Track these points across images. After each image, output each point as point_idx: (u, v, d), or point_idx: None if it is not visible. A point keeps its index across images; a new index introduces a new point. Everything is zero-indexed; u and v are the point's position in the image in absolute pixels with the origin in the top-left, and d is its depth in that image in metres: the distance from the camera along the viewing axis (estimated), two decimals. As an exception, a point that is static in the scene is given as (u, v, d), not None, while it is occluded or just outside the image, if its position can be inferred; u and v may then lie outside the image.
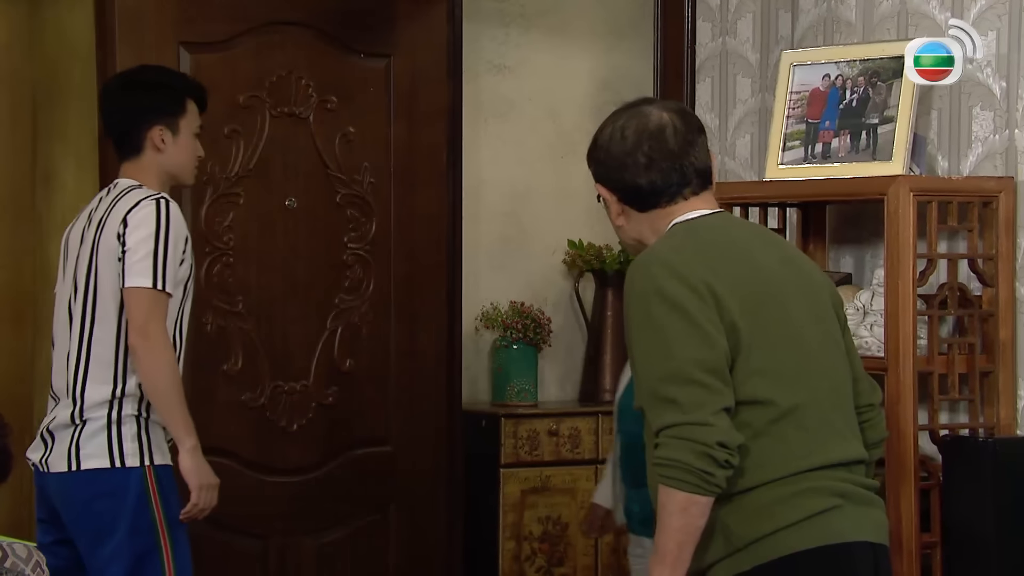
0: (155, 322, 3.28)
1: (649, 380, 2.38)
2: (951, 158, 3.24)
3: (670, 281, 2.38)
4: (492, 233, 5.14)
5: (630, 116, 2.51)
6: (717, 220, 2.51)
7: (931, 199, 3.07)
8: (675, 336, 2.36)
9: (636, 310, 2.40)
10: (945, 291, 3.13)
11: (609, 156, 2.50)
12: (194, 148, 3.48)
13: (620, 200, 2.51)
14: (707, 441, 2.31)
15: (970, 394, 3.09)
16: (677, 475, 2.33)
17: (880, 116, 3.19)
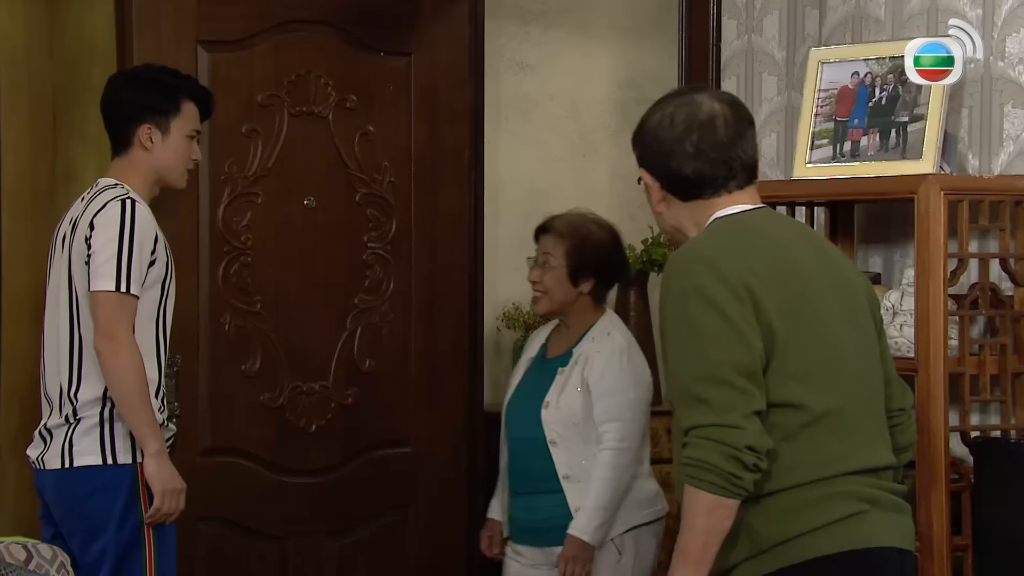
0: (121, 325, 3.27)
1: (682, 378, 2.38)
2: (982, 156, 3.21)
3: (709, 280, 2.37)
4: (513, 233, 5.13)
5: (680, 103, 2.50)
6: (759, 217, 2.50)
7: (962, 198, 3.05)
8: (711, 336, 2.35)
9: (673, 307, 2.39)
10: (976, 291, 3.11)
11: (656, 141, 2.50)
12: (185, 151, 3.43)
13: (663, 187, 2.51)
14: (736, 444, 2.31)
15: (1001, 395, 3.07)
16: (704, 476, 2.33)
17: (910, 114, 3.17)
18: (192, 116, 3.46)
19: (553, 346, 3.67)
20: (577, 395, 3.53)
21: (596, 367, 3.55)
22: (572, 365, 3.57)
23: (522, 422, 3.59)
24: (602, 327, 3.63)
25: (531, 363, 3.68)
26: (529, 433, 3.56)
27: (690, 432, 2.35)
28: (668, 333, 2.41)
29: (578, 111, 5.21)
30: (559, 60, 5.12)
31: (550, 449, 3.53)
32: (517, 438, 3.60)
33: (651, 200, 2.54)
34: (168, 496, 3.26)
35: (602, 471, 3.49)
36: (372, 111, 4.08)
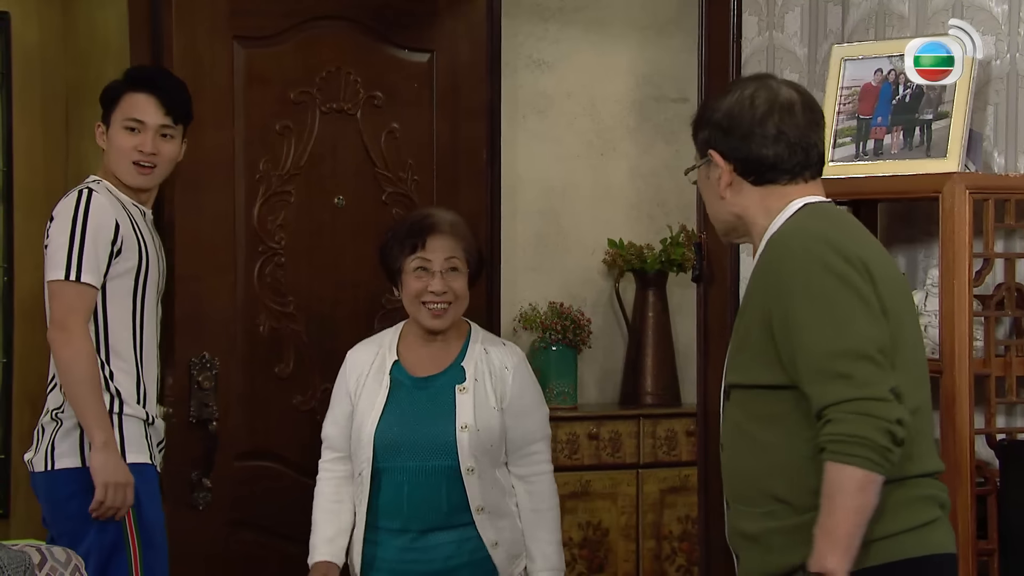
0: (72, 315, 3.25)
1: (817, 356, 2.34)
2: (1008, 154, 3.19)
3: (833, 257, 2.37)
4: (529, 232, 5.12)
5: (757, 86, 2.52)
6: (841, 209, 2.52)
7: (987, 197, 3.03)
8: (846, 311, 2.34)
9: (800, 283, 2.37)
10: (1002, 291, 3.09)
11: (734, 123, 2.50)
12: (122, 143, 3.36)
13: (735, 170, 2.51)
14: (888, 417, 2.30)
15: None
16: (858, 452, 2.29)
17: (934, 112, 3.15)
18: (130, 106, 3.38)
19: (419, 361, 3.36)
20: (495, 415, 3.30)
21: (513, 382, 3.34)
22: (474, 381, 3.32)
23: (421, 450, 3.27)
24: (479, 335, 3.42)
25: (391, 383, 3.34)
26: (434, 462, 3.27)
27: (832, 408, 2.32)
28: (796, 310, 2.36)
29: (595, 109, 5.20)
30: (576, 57, 5.11)
31: (464, 479, 3.26)
32: (414, 469, 3.27)
33: (712, 186, 2.53)
34: (111, 489, 3.22)
35: (550, 499, 3.34)
36: (397, 108, 4.07)
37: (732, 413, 2.50)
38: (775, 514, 2.42)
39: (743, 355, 2.47)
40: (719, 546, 3.77)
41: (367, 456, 3.29)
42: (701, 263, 3.79)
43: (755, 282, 2.47)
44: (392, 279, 3.42)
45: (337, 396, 3.43)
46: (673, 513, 4.95)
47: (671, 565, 4.97)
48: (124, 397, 3.32)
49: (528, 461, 3.35)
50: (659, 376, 5.07)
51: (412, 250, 3.34)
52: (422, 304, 3.32)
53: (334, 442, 3.43)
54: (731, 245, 3.71)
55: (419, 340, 3.38)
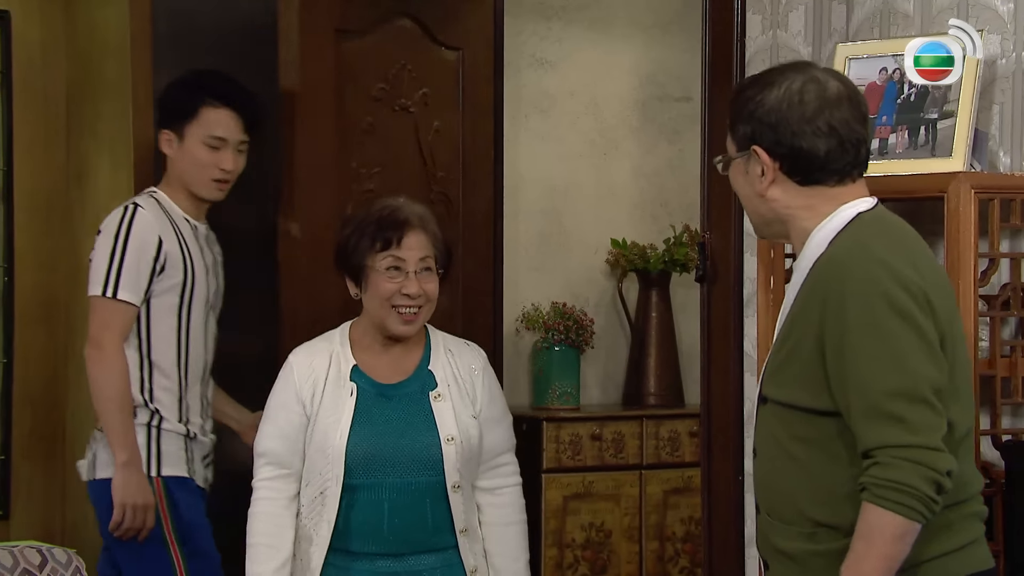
0: (107, 331, 3.28)
1: (872, 394, 2.27)
2: (1014, 154, 3.19)
3: (895, 288, 2.29)
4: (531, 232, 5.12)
5: (805, 79, 2.41)
6: (895, 216, 2.43)
7: (993, 196, 3.02)
8: (906, 349, 2.27)
9: (859, 314, 2.29)
10: (1008, 291, 3.08)
11: (782, 119, 2.39)
12: (202, 160, 3.39)
13: (781, 168, 2.41)
14: (940, 468, 2.25)
15: (1033, 398, 3.04)
16: (904, 500, 2.25)
17: (939, 111, 3.15)
18: (212, 122, 3.41)
19: (379, 367, 3.09)
20: (474, 424, 3.07)
21: (482, 387, 3.12)
22: (447, 387, 3.08)
23: (403, 464, 3.00)
24: (438, 334, 3.17)
25: (353, 392, 3.05)
26: (418, 478, 3.01)
27: (881, 451, 2.26)
28: (852, 344, 2.28)
29: (598, 108, 5.20)
30: (579, 56, 5.11)
31: (450, 496, 3.02)
32: (396, 486, 2.99)
33: (751, 182, 2.44)
34: (128, 510, 3.23)
35: (520, 512, 3.14)
36: (438, 106, 4.08)
37: (769, 423, 2.44)
38: (817, 537, 2.39)
39: (788, 371, 2.39)
40: (722, 547, 3.77)
41: (336, 473, 2.98)
42: (705, 263, 3.79)
43: (810, 298, 2.37)
44: (354, 276, 3.11)
45: (281, 405, 3.07)
46: (676, 514, 4.95)
47: (674, 567, 4.97)
48: (164, 413, 3.34)
49: (496, 474, 3.15)
50: (662, 377, 5.06)
51: (384, 246, 3.05)
52: (392, 308, 3.05)
53: (278, 457, 3.06)
54: (735, 245, 3.71)
55: (376, 343, 3.10)
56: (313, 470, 3.02)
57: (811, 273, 2.40)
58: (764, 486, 2.48)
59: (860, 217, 2.43)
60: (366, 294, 3.09)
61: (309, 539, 3.02)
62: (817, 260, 2.41)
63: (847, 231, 2.41)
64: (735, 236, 3.72)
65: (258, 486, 3.07)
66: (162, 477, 3.31)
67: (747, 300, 3.70)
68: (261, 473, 3.07)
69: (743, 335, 3.71)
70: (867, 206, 2.45)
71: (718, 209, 3.76)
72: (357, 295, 3.12)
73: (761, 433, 2.49)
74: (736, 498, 3.71)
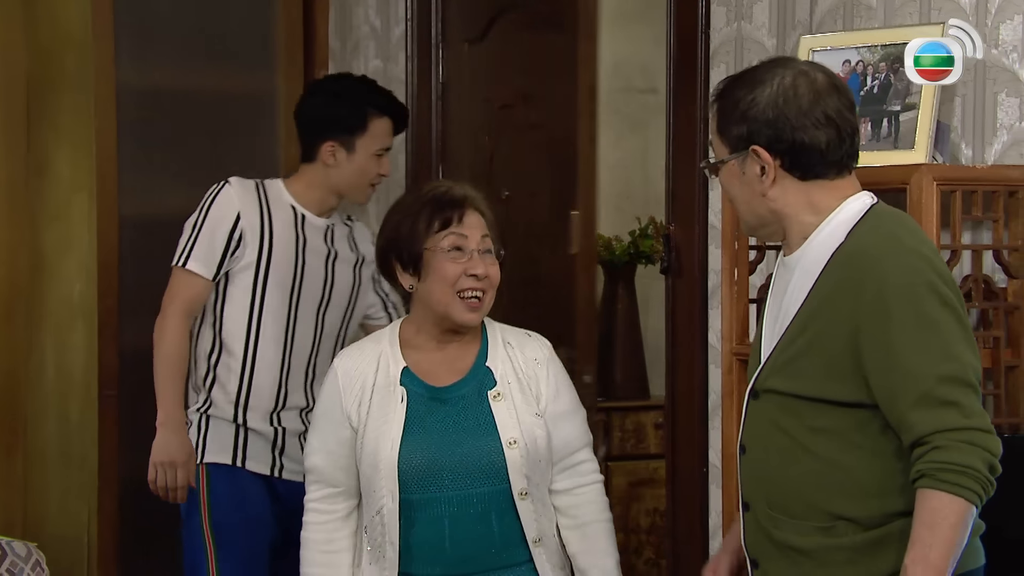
0: (172, 301, 3.35)
1: (926, 381, 2.28)
2: (975, 146, 3.21)
3: (934, 277, 2.32)
4: (497, 224, 5.12)
5: (795, 73, 2.41)
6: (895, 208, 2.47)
7: (955, 188, 3.04)
8: (952, 336, 2.29)
9: (905, 306, 2.30)
10: (969, 283, 3.10)
11: (780, 115, 2.39)
12: (369, 168, 3.44)
13: (783, 165, 2.41)
14: (995, 451, 2.27)
15: (995, 389, 3.06)
16: (967, 483, 2.26)
17: (902, 103, 3.17)
18: (381, 133, 3.44)
19: (433, 368, 2.80)
20: (539, 423, 2.78)
21: (547, 381, 2.83)
22: (507, 384, 2.79)
23: (463, 474, 2.72)
24: (496, 326, 2.88)
25: (403, 397, 2.77)
26: (480, 488, 2.73)
27: (938, 435, 2.26)
28: (899, 334, 2.29)
29: (564, 100, 5.19)
30: (544, 48, 5.10)
31: (518, 505, 2.74)
32: (456, 499, 2.71)
33: (749, 183, 2.42)
34: (159, 468, 3.27)
35: (605, 510, 2.85)
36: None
37: (772, 416, 2.43)
38: (835, 530, 2.39)
39: (806, 364, 2.38)
40: (687, 540, 3.78)
41: (390, 488, 2.69)
42: (669, 255, 3.80)
43: (837, 290, 2.36)
44: (409, 264, 2.79)
45: (327, 418, 2.80)
46: (641, 506, 4.96)
47: (639, 558, 4.98)
48: (215, 399, 3.36)
49: (573, 473, 2.84)
50: (627, 369, 5.08)
51: (444, 225, 2.75)
52: (456, 295, 2.75)
53: (324, 475, 2.79)
54: (700, 237, 3.72)
55: (430, 341, 2.81)
56: (368, 487, 2.73)
57: (833, 266, 2.40)
58: (764, 480, 2.45)
59: (874, 209, 2.45)
60: (425, 282, 2.77)
61: (378, 563, 2.73)
62: (835, 253, 2.41)
63: (867, 223, 2.42)
64: (699, 228, 3.74)
65: (307, 507, 2.82)
66: (206, 464, 3.35)
67: (711, 292, 3.72)
68: (309, 492, 2.83)
69: (708, 327, 3.73)
70: (871, 199, 2.48)
71: (683, 201, 3.77)
72: (412, 287, 2.80)
73: (756, 428, 2.48)
74: (701, 491, 3.72)
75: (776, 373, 2.45)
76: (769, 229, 2.51)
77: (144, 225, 4.38)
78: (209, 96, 4.52)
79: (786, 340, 2.45)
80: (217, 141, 4.53)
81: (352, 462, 2.77)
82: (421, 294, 2.80)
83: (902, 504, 2.36)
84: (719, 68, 3.71)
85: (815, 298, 2.42)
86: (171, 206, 4.45)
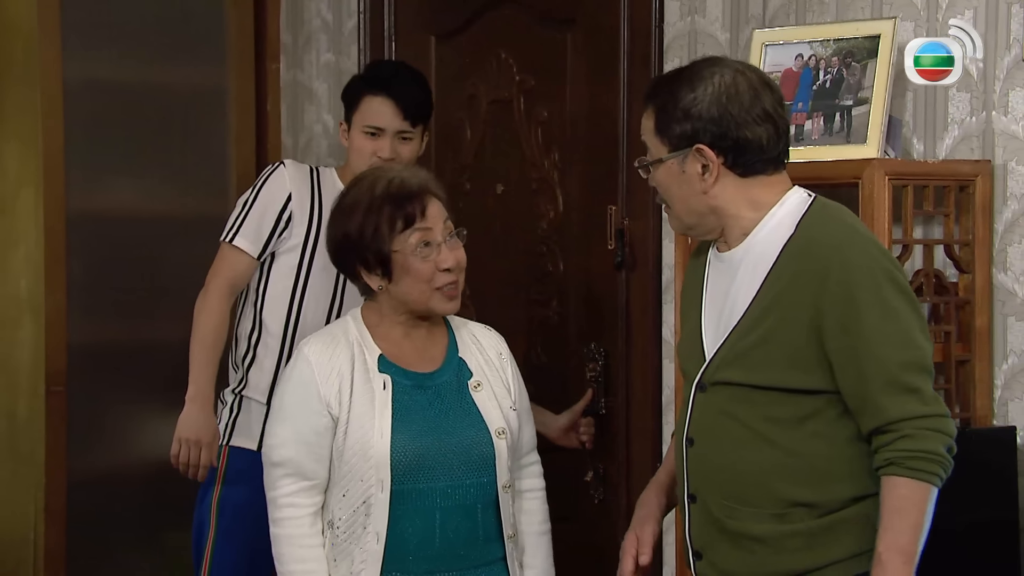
0: (214, 274, 3.36)
1: (888, 367, 2.33)
2: (927, 141, 3.24)
3: (891, 265, 2.39)
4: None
5: (733, 71, 2.45)
6: None
7: (907, 183, 3.07)
8: (910, 323, 2.36)
9: (868, 294, 2.34)
10: (921, 277, 3.13)
11: (724, 112, 2.41)
12: (363, 147, 3.39)
13: (725, 162, 2.43)
14: (952, 433, 2.34)
15: (946, 383, 3.09)
16: (934, 469, 2.33)
17: (854, 98, 3.19)
18: (369, 111, 3.40)
19: (404, 355, 2.74)
20: (515, 417, 2.75)
21: (513, 377, 2.81)
22: (484, 375, 2.76)
23: (455, 465, 2.67)
24: (458, 321, 2.85)
25: (387, 384, 2.69)
26: (470, 479, 2.68)
27: (905, 423, 2.33)
28: (865, 322, 2.33)
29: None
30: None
31: (500, 499, 2.69)
32: (447, 490, 2.65)
33: (688, 181, 2.44)
34: (184, 444, 3.26)
35: (543, 522, 2.83)
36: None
37: (723, 407, 2.45)
38: (791, 517, 2.42)
39: (764, 354, 2.41)
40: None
41: (380, 478, 2.61)
42: (623, 250, 3.81)
43: (795, 281, 2.39)
44: (376, 267, 2.72)
45: (301, 407, 2.68)
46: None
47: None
48: (251, 378, 3.37)
49: (526, 474, 2.83)
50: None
51: (408, 223, 2.68)
52: (435, 290, 2.70)
53: (299, 467, 2.68)
54: (654, 231, 3.73)
55: (396, 328, 2.74)
56: (352, 477, 2.64)
57: (786, 258, 2.42)
58: (717, 471, 2.47)
59: (820, 201, 2.49)
60: (399, 283, 2.70)
61: (349, 556, 2.65)
62: (787, 245, 2.43)
63: (816, 215, 2.46)
64: (653, 223, 3.75)
65: (279, 503, 2.69)
66: (230, 447, 3.35)
67: (665, 287, 3.73)
68: (280, 487, 2.68)
69: (662, 322, 3.74)
70: (807, 193, 2.51)
71: (637, 196, 3.78)
72: (381, 287, 2.72)
73: (705, 420, 2.49)
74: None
75: (728, 365, 2.46)
76: (706, 228, 2.52)
77: (93, 220, 4.35)
78: (159, 90, 4.49)
79: (738, 333, 2.46)
80: (167, 136, 4.50)
81: (328, 453, 2.67)
82: (394, 293, 2.74)
83: (856, 489, 2.40)
84: (673, 62, 3.72)
85: (770, 290, 2.44)
86: (120, 201, 4.42)
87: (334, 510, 2.68)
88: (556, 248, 4.01)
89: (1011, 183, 3.09)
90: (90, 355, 4.31)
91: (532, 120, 4.05)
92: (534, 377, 3.39)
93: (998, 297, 3.12)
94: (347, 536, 2.66)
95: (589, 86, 3.93)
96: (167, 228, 4.46)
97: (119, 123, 4.41)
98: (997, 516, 2.96)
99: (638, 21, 3.80)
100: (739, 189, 2.45)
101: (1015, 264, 3.09)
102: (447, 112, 4.15)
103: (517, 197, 4.07)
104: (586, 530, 3.87)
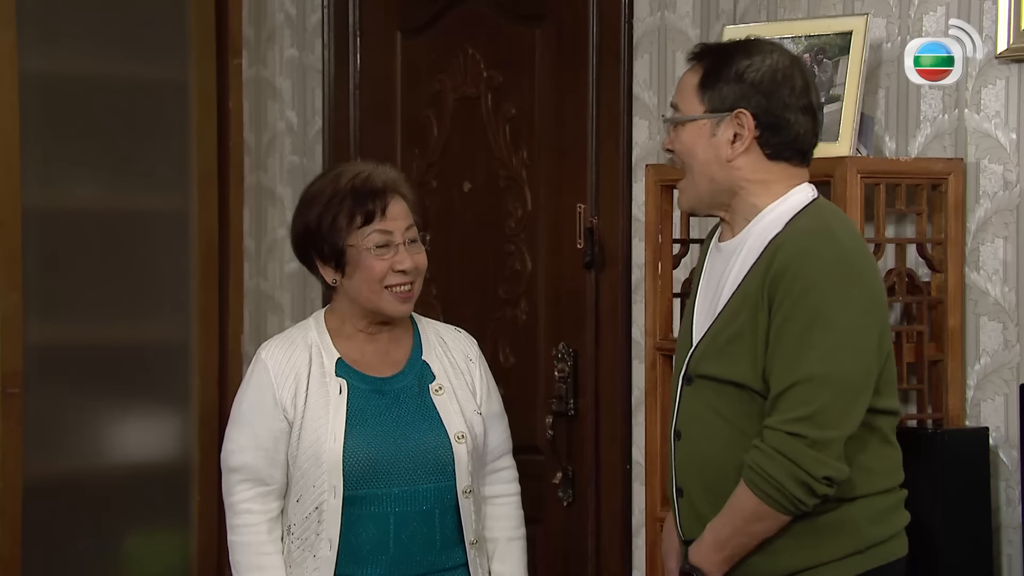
0: None
1: (786, 378, 2.40)
2: (899, 138, 3.27)
3: (855, 275, 2.43)
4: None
5: (792, 57, 2.51)
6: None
7: (879, 181, 3.10)
8: (844, 339, 2.38)
9: (808, 300, 2.40)
10: (893, 277, 3.16)
11: (775, 88, 2.46)
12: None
13: (758, 139, 2.46)
14: (815, 473, 2.37)
15: (918, 383, 3.13)
16: (774, 495, 2.38)
17: (826, 95, 3.22)
18: None
19: (366, 359, 2.77)
20: (479, 421, 2.78)
21: (480, 379, 2.83)
22: (447, 378, 2.78)
23: (410, 470, 2.69)
24: (426, 323, 2.87)
25: (343, 389, 2.72)
26: (426, 484, 2.70)
27: (769, 432, 2.39)
28: (794, 325, 2.37)
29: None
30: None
31: (460, 504, 2.71)
32: (402, 496, 2.67)
33: (716, 146, 2.47)
34: None
35: (521, 526, 2.85)
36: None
37: (707, 401, 2.49)
38: None
39: (731, 350, 2.44)
40: (609, 536, 3.80)
41: (333, 484, 2.63)
42: (593, 249, 3.83)
43: (764, 277, 2.43)
44: (331, 260, 2.74)
45: (257, 411, 2.71)
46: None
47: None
48: None
49: (497, 479, 2.85)
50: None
51: (367, 220, 2.70)
52: (385, 289, 2.71)
53: (256, 472, 2.71)
54: (624, 230, 3.75)
55: (359, 333, 2.77)
56: (306, 482, 2.68)
57: (766, 254, 2.46)
58: (702, 465, 2.50)
59: (816, 203, 2.52)
60: (351, 279, 2.72)
61: (302, 564, 2.68)
62: (771, 242, 2.47)
63: (808, 215, 2.49)
64: (623, 221, 3.77)
65: (236, 509, 2.72)
66: None
67: (635, 286, 3.75)
68: (237, 493, 2.72)
69: (631, 322, 3.76)
70: (813, 192, 2.55)
71: (606, 194, 3.81)
72: (335, 282, 2.75)
73: (691, 413, 2.53)
74: (624, 486, 3.75)
75: (708, 359, 2.51)
76: (715, 202, 2.54)
77: (50, 217, 4.33)
78: (119, 84, 4.49)
79: (718, 326, 2.51)
80: (127, 130, 4.49)
81: (284, 458, 2.71)
82: (347, 289, 2.76)
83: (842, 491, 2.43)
84: (643, 59, 3.74)
85: (746, 286, 2.48)
86: (79, 197, 4.40)
87: (290, 516, 2.72)
88: (524, 247, 4.03)
89: (984, 181, 3.13)
90: (47, 356, 4.30)
91: (500, 117, 4.07)
92: (503, 378, 3.39)
93: (971, 296, 3.15)
94: (301, 543, 2.69)
95: (557, 82, 3.96)
96: (126, 225, 4.45)
97: (76, 117, 4.40)
98: (970, 517, 2.99)
99: (607, 17, 3.82)
100: (760, 168, 2.48)
101: (987, 263, 3.12)
102: (414, 109, 4.18)
103: (485, 195, 4.09)
104: (554, 532, 3.89)
